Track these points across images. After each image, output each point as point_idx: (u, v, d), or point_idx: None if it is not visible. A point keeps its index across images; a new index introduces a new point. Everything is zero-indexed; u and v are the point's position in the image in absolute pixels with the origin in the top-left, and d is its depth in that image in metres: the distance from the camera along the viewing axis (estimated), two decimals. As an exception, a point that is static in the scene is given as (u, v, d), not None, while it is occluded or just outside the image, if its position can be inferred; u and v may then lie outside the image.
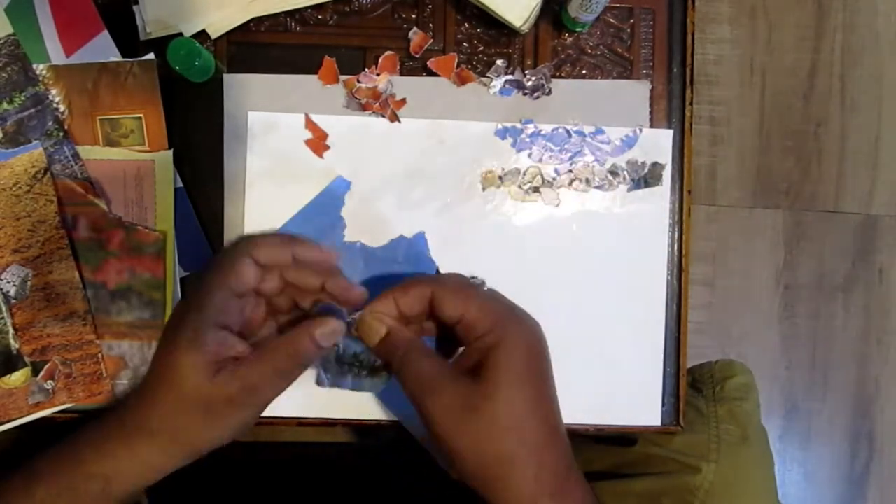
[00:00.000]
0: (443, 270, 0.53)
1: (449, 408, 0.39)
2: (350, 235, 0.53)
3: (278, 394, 0.42)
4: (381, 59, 0.53)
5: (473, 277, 0.45)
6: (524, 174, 0.54)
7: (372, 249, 0.53)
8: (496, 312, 0.41)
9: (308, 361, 0.42)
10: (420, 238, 0.53)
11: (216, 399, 0.40)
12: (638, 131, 0.54)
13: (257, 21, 0.53)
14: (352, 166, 0.53)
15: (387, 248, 0.53)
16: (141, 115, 0.52)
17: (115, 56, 0.52)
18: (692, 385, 0.64)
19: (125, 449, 0.40)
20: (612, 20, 0.55)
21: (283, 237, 0.43)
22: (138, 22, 0.52)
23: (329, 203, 0.53)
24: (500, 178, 0.54)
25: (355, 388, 0.46)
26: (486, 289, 0.44)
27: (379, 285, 0.52)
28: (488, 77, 0.54)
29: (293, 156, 0.53)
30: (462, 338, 0.42)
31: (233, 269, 0.40)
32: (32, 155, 0.51)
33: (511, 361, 0.40)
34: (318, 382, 0.45)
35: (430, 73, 0.54)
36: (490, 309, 0.41)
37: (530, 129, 0.54)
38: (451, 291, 0.42)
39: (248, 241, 0.41)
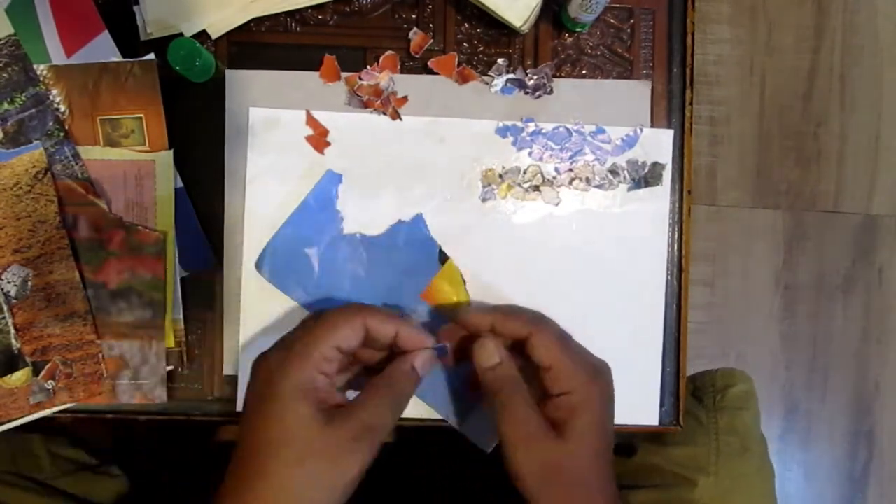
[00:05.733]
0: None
1: (536, 461, 0.43)
2: (348, 227, 0.53)
3: (392, 427, 0.44)
4: (381, 59, 0.53)
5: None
6: (524, 172, 0.54)
7: (372, 238, 0.53)
8: (584, 372, 0.44)
9: (411, 392, 0.45)
10: (419, 220, 0.53)
11: (340, 443, 0.40)
12: (638, 131, 0.54)
13: (258, 21, 0.53)
14: (352, 163, 0.53)
15: (387, 235, 0.53)
16: (141, 115, 0.52)
17: (115, 56, 0.52)
18: (693, 394, 0.64)
19: None
20: (612, 20, 0.55)
21: (392, 314, 0.46)
22: (139, 22, 0.52)
23: (324, 198, 0.53)
24: (501, 176, 0.54)
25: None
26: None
27: (385, 273, 0.52)
28: (490, 76, 0.54)
29: (294, 152, 0.53)
30: (548, 385, 0.45)
31: (347, 326, 0.43)
32: (33, 155, 0.51)
33: (593, 425, 0.44)
34: None
35: (431, 73, 0.54)
36: (579, 366, 0.44)
37: (531, 127, 0.54)
38: (549, 340, 0.45)
39: (363, 307, 0.44)
